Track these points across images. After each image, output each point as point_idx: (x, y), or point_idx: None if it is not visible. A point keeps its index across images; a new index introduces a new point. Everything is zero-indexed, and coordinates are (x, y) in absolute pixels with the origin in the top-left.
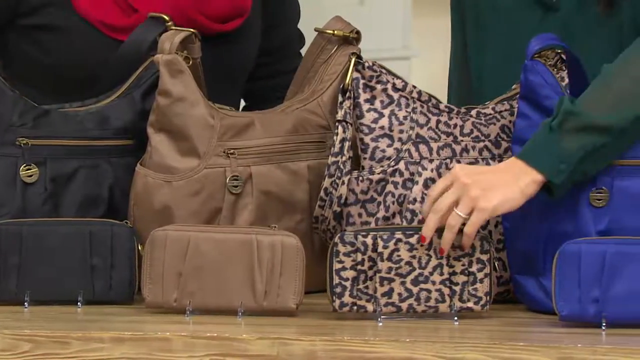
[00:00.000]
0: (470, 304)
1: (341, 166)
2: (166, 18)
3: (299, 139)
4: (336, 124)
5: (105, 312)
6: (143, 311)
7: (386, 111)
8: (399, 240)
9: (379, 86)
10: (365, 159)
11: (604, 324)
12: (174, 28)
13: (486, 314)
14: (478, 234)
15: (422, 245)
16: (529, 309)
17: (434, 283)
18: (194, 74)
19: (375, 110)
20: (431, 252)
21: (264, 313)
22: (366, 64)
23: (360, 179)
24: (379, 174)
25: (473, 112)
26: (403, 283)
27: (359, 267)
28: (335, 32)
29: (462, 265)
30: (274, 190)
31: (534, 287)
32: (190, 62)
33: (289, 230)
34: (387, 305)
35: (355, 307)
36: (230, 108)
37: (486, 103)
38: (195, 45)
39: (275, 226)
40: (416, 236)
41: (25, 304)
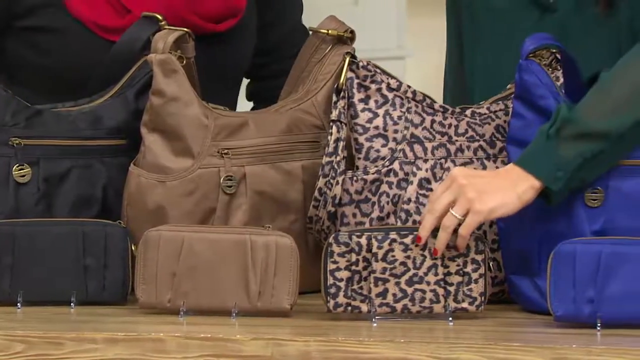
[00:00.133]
0: (465, 305)
1: (335, 166)
2: (159, 17)
3: (293, 139)
4: (330, 123)
5: (99, 313)
6: (136, 312)
7: (380, 111)
8: (394, 240)
9: (373, 86)
10: (359, 159)
11: (598, 325)
12: (168, 27)
13: (481, 315)
14: (473, 234)
15: (417, 245)
16: (524, 309)
17: (428, 283)
18: (187, 73)
19: (369, 110)
20: (426, 253)
21: (258, 313)
22: (360, 64)
23: (355, 179)
24: (373, 174)
25: (468, 112)
26: (397, 283)
27: (354, 268)
28: (330, 32)
29: (457, 265)
30: (268, 190)
31: (529, 288)
32: (184, 62)
33: (283, 230)
34: (382, 306)
35: (349, 308)
36: (224, 108)
37: (481, 103)
38: (189, 45)
39: (269, 226)
40: (411, 236)
41: (18, 304)
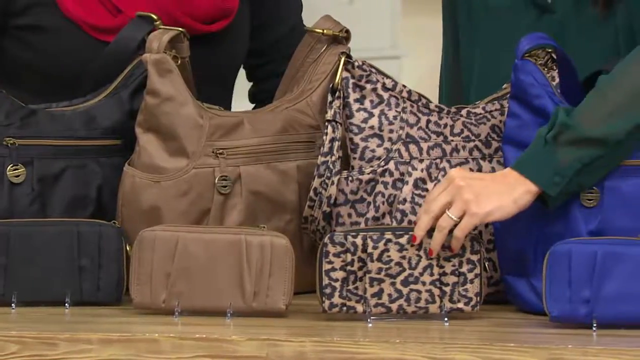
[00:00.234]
0: (460, 305)
1: (331, 166)
2: (154, 17)
3: (288, 139)
4: (326, 123)
5: (93, 313)
6: (131, 312)
7: (376, 111)
8: (389, 240)
9: (368, 86)
10: (354, 158)
11: (594, 325)
12: (162, 27)
13: (476, 315)
14: (468, 234)
15: (412, 245)
16: (520, 309)
17: (424, 284)
18: (182, 73)
19: (364, 109)
20: (421, 253)
21: (253, 314)
22: (356, 64)
23: (350, 179)
24: (368, 174)
25: (463, 112)
26: (393, 284)
27: (349, 268)
28: (325, 32)
29: (453, 265)
30: (263, 190)
31: (525, 288)
32: (179, 62)
33: (278, 230)
34: (377, 306)
35: (345, 308)
36: (219, 108)
37: (476, 103)
38: (184, 45)
39: (264, 226)
40: (406, 236)
41: (12, 305)
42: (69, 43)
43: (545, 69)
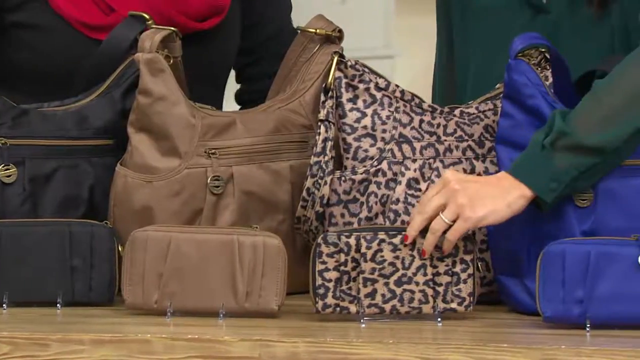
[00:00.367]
0: (453, 305)
1: (323, 166)
2: (146, 17)
3: (281, 139)
4: (318, 123)
5: (85, 314)
6: (123, 313)
7: (369, 110)
8: (382, 240)
9: (361, 85)
10: (347, 158)
11: (588, 325)
12: (155, 27)
13: (470, 315)
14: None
15: (406, 245)
16: (513, 310)
17: (417, 284)
18: (174, 73)
19: (357, 109)
20: (414, 253)
21: (245, 314)
22: (349, 63)
23: (343, 179)
24: (361, 174)
25: (456, 112)
26: (386, 284)
27: (342, 268)
28: (318, 31)
29: (446, 265)
30: (256, 190)
31: (518, 288)
32: (171, 61)
33: (271, 230)
34: (370, 307)
35: (338, 309)
36: (212, 107)
37: (470, 102)
38: (176, 44)
39: (257, 227)
40: (399, 237)
41: (3, 305)
42: (61, 41)
43: (539, 69)
